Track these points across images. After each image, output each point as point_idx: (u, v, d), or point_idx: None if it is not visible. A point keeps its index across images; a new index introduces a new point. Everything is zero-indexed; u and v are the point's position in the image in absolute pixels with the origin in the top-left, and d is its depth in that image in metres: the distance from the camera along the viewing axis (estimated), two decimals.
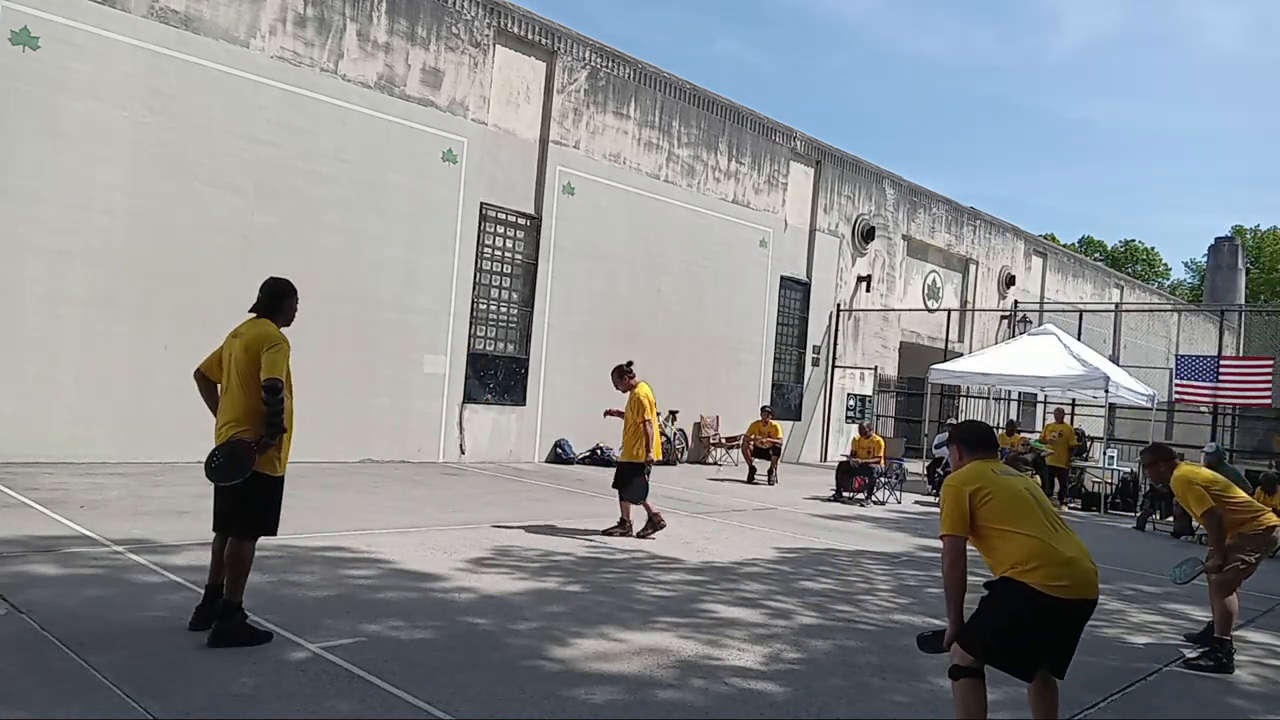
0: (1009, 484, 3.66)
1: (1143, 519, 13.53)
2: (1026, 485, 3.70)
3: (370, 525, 8.03)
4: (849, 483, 13.64)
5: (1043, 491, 3.75)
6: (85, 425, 10.36)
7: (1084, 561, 3.50)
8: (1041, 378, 16.61)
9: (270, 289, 4.96)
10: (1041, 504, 3.65)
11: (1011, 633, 3.45)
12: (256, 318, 4.90)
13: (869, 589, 7.29)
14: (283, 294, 4.98)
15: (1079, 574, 3.44)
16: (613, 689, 4.44)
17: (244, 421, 4.67)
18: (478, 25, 13.98)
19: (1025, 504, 3.59)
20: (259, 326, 4.82)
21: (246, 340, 4.73)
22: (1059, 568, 3.41)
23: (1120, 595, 7.98)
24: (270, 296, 4.93)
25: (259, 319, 4.88)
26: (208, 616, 4.64)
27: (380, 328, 12.77)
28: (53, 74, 10.01)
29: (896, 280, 23.26)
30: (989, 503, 3.56)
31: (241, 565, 4.65)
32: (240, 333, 4.84)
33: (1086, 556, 3.54)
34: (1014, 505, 3.57)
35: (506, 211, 14.62)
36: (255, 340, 4.71)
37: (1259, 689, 5.50)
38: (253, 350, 4.68)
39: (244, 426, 4.66)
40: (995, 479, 3.65)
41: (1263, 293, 52.25)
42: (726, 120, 18.28)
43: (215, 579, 4.74)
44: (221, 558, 4.71)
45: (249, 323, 4.89)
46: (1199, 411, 20.89)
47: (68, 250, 10.20)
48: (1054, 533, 3.54)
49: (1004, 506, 3.55)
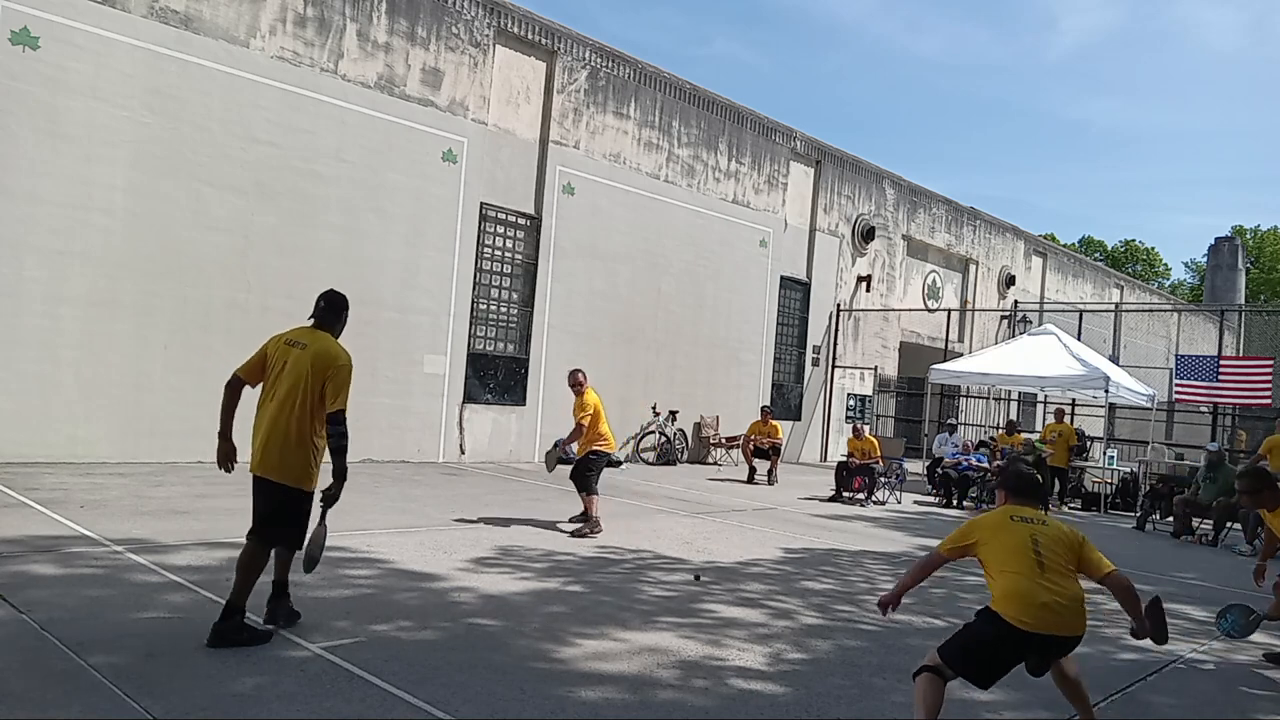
0: (1017, 532, 4.04)
1: (1143, 519, 13.52)
2: (1034, 534, 4.03)
3: (370, 525, 8.02)
4: (849, 483, 13.63)
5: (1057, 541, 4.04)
6: (85, 425, 10.35)
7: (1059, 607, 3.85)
8: (1041, 378, 16.61)
9: (332, 301, 4.92)
10: (1041, 552, 3.99)
11: (978, 652, 3.95)
12: (315, 328, 4.84)
13: (870, 589, 7.28)
14: (343, 307, 4.96)
15: (1048, 616, 3.83)
16: (613, 689, 4.44)
17: (288, 445, 4.61)
18: (478, 25, 13.98)
19: (1021, 551, 3.98)
20: (325, 341, 4.77)
21: (315, 352, 4.67)
22: (1031, 609, 3.82)
23: None
24: (331, 309, 4.90)
25: (319, 331, 4.83)
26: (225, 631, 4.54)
27: (380, 328, 12.76)
28: (53, 74, 10.00)
29: (896, 280, 23.25)
30: (986, 547, 4.05)
31: (258, 571, 4.68)
32: (300, 342, 4.74)
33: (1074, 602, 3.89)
34: (1010, 551, 3.99)
35: (506, 211, 14.62)
36: (325, 356, 4.67)
37: (1260, 689, 5.50)
38: (320, 365, 4.63)
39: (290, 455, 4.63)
40: (1007, 526, 4.07)
41: (1263, 293, 52.27)
42: (726, 120, 18.28)
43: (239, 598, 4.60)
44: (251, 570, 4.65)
45: (309, 333, 4.81)
46: (1199, 411, 20.90)
47: (67, 250, 10.19)
48: (1039, 575, 3.90)
49: (1000, 551, 4.00)
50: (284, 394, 4.64)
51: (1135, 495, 15.43)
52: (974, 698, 4.74)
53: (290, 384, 4.63)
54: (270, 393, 4.71)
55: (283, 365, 4.69)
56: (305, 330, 4.84)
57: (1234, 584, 9.15)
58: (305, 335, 4.79)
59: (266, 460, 4.67)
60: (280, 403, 4.64)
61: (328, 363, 4.65)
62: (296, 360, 4.67)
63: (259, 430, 4.71)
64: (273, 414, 4.65)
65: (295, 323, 5.10)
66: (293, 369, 4.66)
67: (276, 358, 4.75)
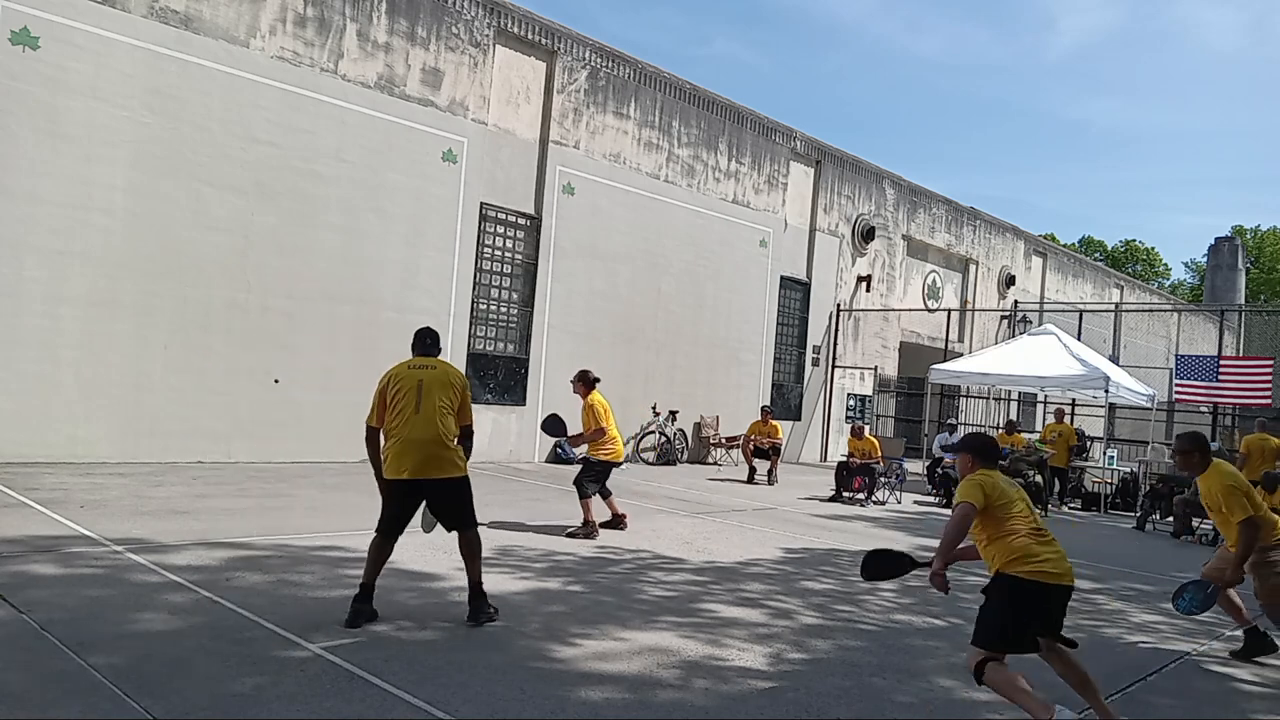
0: (1013, 490, 4.36)
1: (1143, 519, 13.53)
2: (1021, 496, 4.37)
3: (370, 525, 7.98)
4: (849, 483, 13.63)
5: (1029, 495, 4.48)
6: (85, 425, 10.35)
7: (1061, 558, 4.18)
8: (1041, 378, 16.61)
9: (436, 336, 5.76)
10: (1030, 508, 4.35)
11: (1012, 625, 4.12)
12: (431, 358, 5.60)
13: (870, 589, 7.28)
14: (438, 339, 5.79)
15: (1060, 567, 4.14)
16: (614, 689, 4.44)
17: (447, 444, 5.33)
18: (478, 25, 13.98)
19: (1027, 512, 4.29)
20: (451, 366, 5.66)
21: (449, 374, 5.51)
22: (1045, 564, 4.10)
23: (1120, 595, 7.98)
24: (435, 342, 5.72)
25: (438, 358, 5.64)
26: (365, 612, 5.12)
27: (380, 328, 12.76)
28: (53, 74, 10.00)
29: (896, 280, 23.25)
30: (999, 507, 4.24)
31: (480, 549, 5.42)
32: (426, 365, 5.49)
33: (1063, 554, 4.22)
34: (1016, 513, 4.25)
35: (506, 211, 14.62)
36: (459, 378, 5.57)
37: (1260, 689, 5.49)
38: (457, 382, 5.50)
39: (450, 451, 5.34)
40: (1001, 488, 4.31)
41: (1263, 293, 52.27)
42: (726, 120, 18.28)
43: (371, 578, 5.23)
44: (380, 561, 5.28)
45: (425, 360, 5.55)
46: (1199, 411, 20.90)
47: (67, 250, 10.19)
48: (1040, 533, 4.22)
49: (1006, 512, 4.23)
50: (430, 407, 5.31)
51: (1135, 495, 15.42)
52: (974, 698, 4.74)
53: (435, 397, 5.33)
54: (411, 408, 5.30)
55: (417, 384, 5.35)
56: (420, 359, 5.58)
57: None
58: (425, 361, 5.56)
59: (430, 464, 5.27)
60: (428, 415, 5.30)
61: (462, 382, 5.56)
62: (432, 378, 5.41)
63: (407, 443, 5.25)
64: (424, 424, 5.28)
65: (295, 322, 5.16)
66: (433, 385, 5.37)
67: (403, 383, 5.37)
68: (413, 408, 5.28)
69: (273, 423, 11.76)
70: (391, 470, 5.29)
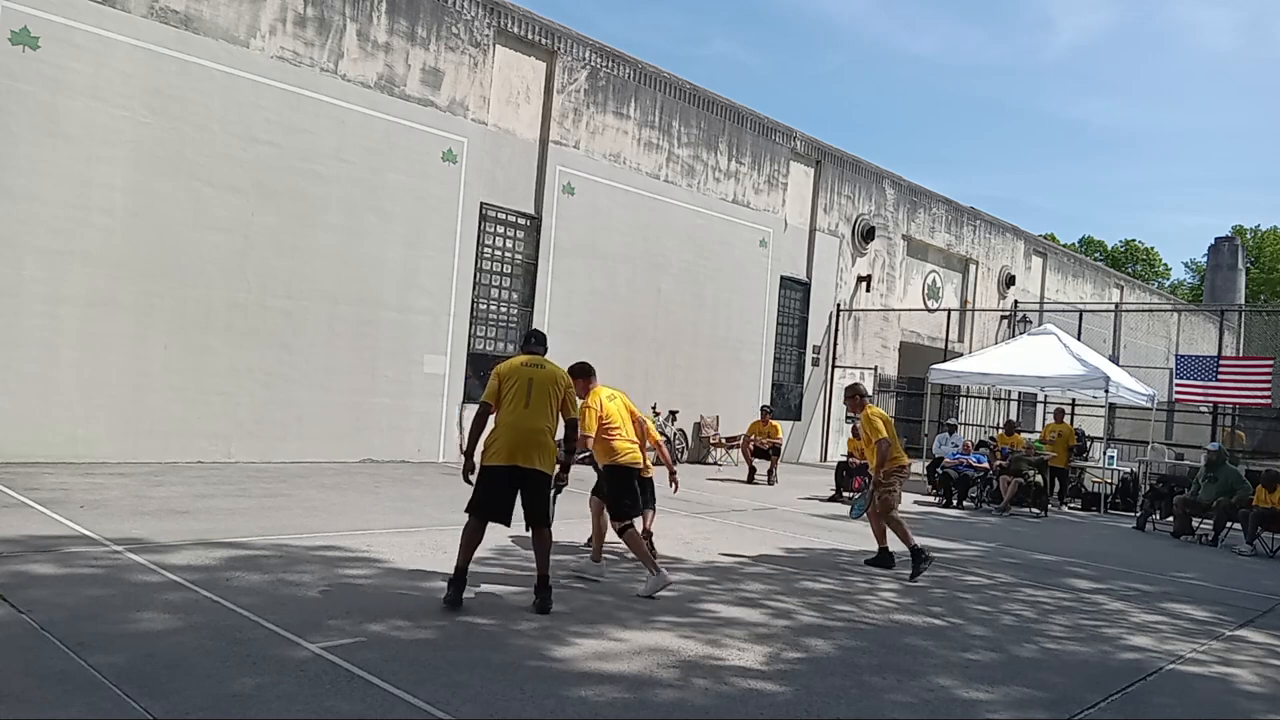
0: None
1: (1143, 519, 13.52)
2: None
3: (370, 525, 8.03)
4: (849, 483, 13.62)
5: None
6: (85, 425, 10.36)
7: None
8: (1041, 378, 16.60)
9: (542, 336, 6.29)
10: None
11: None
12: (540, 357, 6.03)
13: (870, 589, 7.29)
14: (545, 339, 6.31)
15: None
16: (613, 689, 4.44)
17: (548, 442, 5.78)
18: (478, 25, 13.98)
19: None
20: (557, 367, 6.04)
21: (556, 374, 5.95)
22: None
23: (1120, 595, 7.98)
24: (542, 342, 6.20)
25: (544, 358, 6.03)
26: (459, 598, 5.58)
27: (380, 328, 12.77)
28: (53, 74, 10.00)
29: (896, 280, 23.26)
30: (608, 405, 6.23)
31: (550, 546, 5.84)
32: (536, 364, 5.91)
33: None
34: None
35: (506, 211, 14.62)
36: (564, 377, 6.03)
37: (1260, 689, 5.49)
38: (562, 382, 5.95)
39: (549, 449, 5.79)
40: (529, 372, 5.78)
41: (1263, 293, 52.27)
42: (726, 120, 18.28)
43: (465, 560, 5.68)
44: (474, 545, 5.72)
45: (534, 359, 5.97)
46: (1199, 411, 20.89)
47: (67, 250, 10.19)
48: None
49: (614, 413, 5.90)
50: (538, 403, 5.74)
51: (1135, 495, 15.42)
52: (974, 698, 4.74)
53: (542, 395, 5.77)
54: (520, 401, 5.73)
55: (528, 381, 5.78)
56: (530, 357, 6.00)
57: (1234, 584, 9.16)
58: (535, 360, 5.97)
59: (529, 455, 5.66)
60: (535, 410, 5.73)
61: (566, 382, 6.00)
62: (542, 377, 5.84)
63: (514, 430, 5.66)
64: (531, 418, 5.72)
65: (295, 322, 5.20)
66: (542, 384, 5.80)
67: (515, 378, 5.80)
68: (523, 403, 5.71)
69: (273, 423, 11.76)
70: (493, 457, 5.65)
